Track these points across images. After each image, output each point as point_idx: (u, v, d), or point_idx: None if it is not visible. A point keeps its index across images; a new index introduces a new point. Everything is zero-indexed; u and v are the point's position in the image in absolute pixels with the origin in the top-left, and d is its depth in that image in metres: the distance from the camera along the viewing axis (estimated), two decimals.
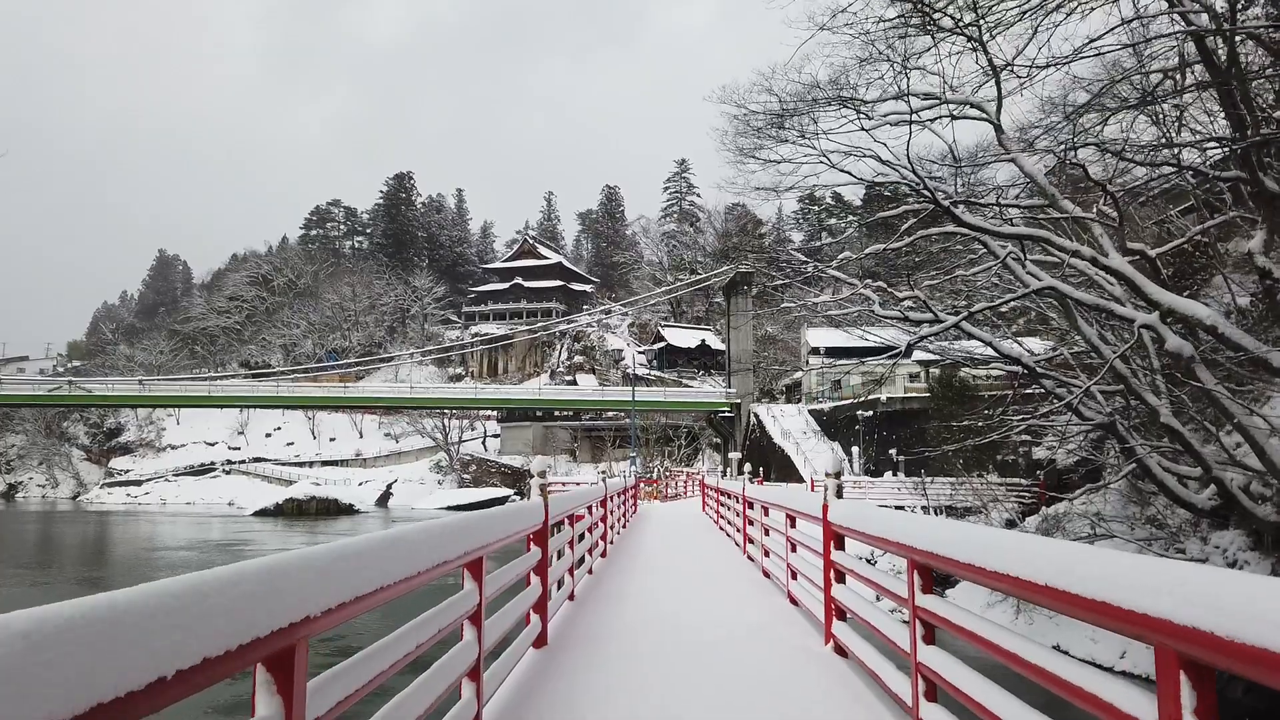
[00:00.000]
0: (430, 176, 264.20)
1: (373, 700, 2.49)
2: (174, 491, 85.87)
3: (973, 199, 13.84)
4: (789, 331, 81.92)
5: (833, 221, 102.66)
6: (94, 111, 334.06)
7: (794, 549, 7.20)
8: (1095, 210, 13.22)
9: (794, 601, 7.20)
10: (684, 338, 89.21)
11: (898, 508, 31.70)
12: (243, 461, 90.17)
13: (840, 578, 5.31)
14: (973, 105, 13.41)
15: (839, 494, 5.38)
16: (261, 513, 62.26)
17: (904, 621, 3.80)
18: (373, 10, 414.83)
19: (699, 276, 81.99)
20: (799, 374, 66.52)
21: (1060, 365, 19.22)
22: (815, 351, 59.91)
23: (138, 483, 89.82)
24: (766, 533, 8.99)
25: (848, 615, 5.23)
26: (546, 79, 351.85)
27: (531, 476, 5.61)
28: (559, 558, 7.00)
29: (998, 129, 13.29)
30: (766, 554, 8.98)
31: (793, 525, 7.21)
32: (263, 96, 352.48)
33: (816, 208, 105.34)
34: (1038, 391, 20.96)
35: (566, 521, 7.22)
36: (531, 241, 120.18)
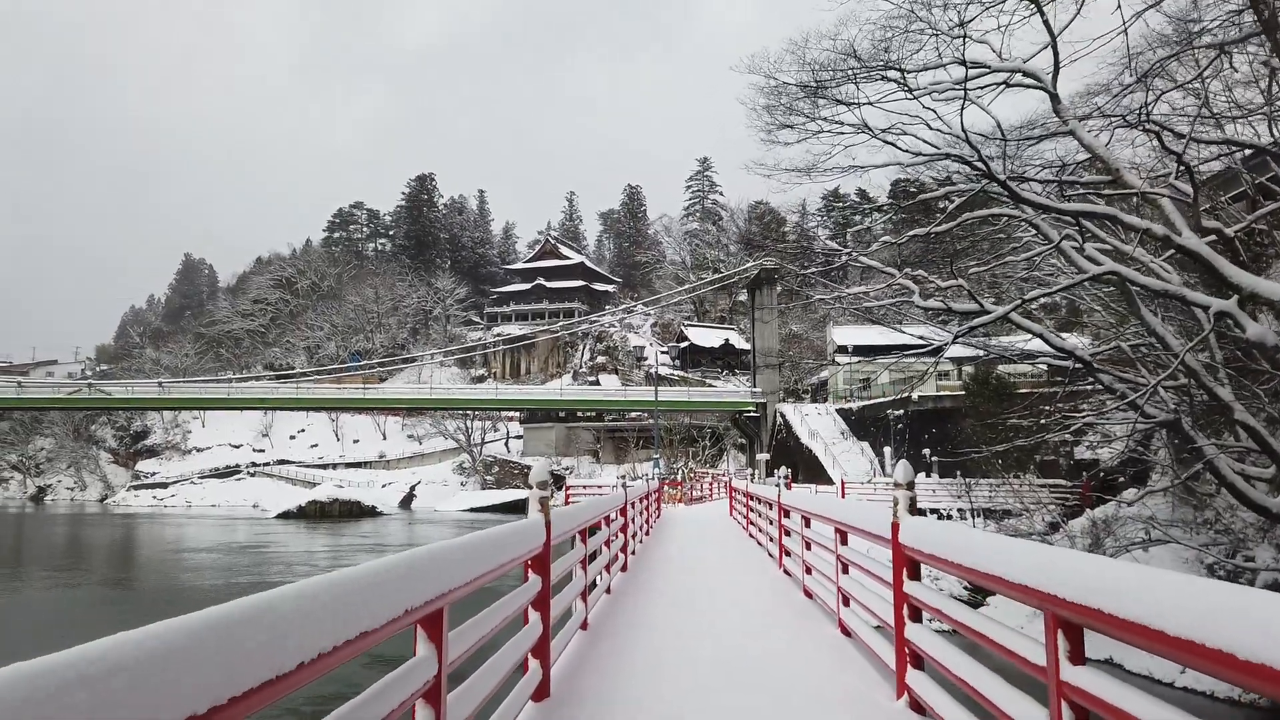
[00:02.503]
0: (455, 178, 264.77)
1: None
2: (199, 494, 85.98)
3: (1026, 176, 12.66)
4: (815, 330, 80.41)
5: (858, 218, 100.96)
6: (124, 116, 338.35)
7: (845, 570, 6.12)
8: (1164, 186, 12.01)
9: (846, 632, 6.12)
10: (707, 337, 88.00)
11: (934, 511, 30.38)
12: (267, 464, 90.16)
13: (916, 615, 4.23)
14: (1027, 74, 12.24)
15: (912, 509, 4.30)
16: (284, 515, 61.93)
17: (980, 659, 2.73)
18: (403, 14, 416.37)
19: (722, 275, 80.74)
20: (825, 373, 65.07)
21: (1107, 359, 17.96)
22: (843, 349, 58.50)
23: (164, 485, 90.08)
24: (808, 546, 7.91)
25: (926, 663, 4.16)
26: (570, 80, 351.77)
27: (530, 488, 4.57)
28: (569, 581, 5.98)
29: (1054, 98, 12.11)
30: (809, 571, 7.90)
31: (844, 542, 6.14)
32: (291, 100, 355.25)
33: (841, 204, 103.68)
34: (1088, 388, 19.63)
35: (577, 537, 6.19)
36: (553, 242, 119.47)
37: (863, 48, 11.88)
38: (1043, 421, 17.29)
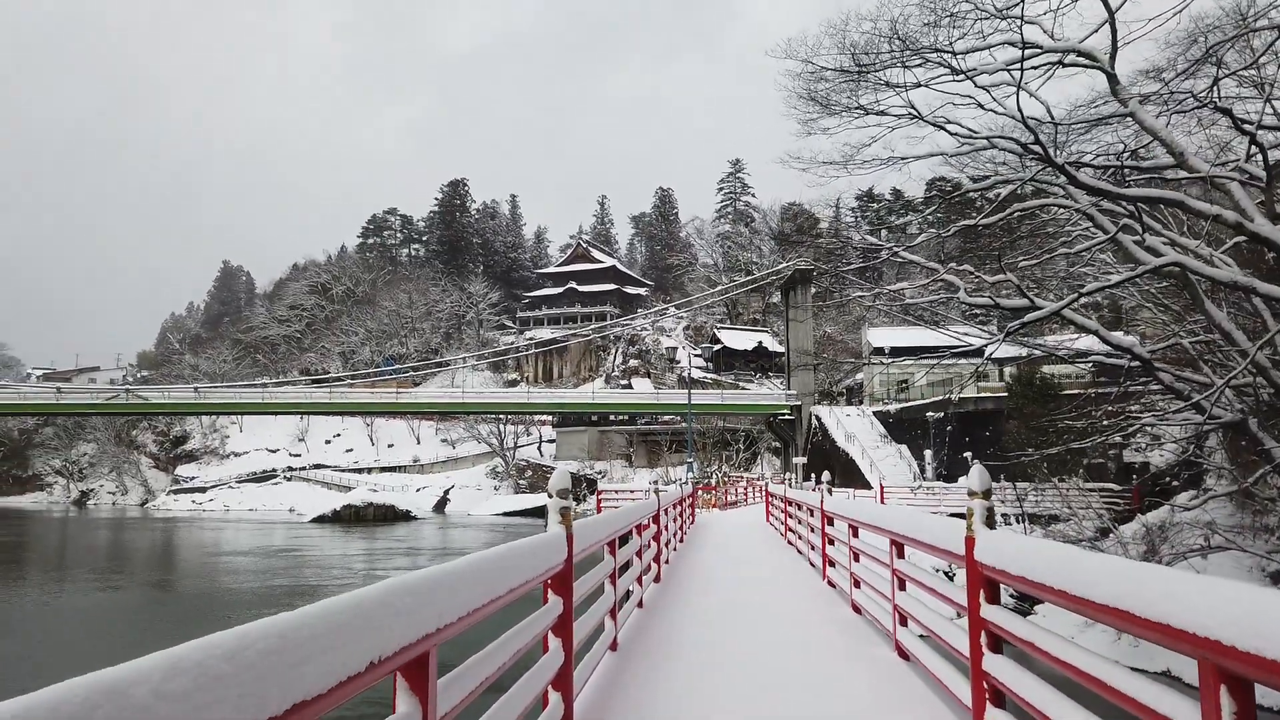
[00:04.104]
0: (487, 182, 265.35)
1: None
2: (237, 498, 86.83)
3: (1083, 162, 11.93)
4: (849, 332, 79.27)
5: (893, 217, 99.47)
6: (167, 124, 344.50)
7: (902, 586, 5.53)
8: (1232, 170, 11.22)
9: (904, 655, 5.54)
10: (740, 339, 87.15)
11: None
12: (303, 468, 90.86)
13: (996, 645, 3.65)
14: (1082, 54, 11.52)
15: (990, 521, 3.72)
16: (320, 519, 62.15)
17: None
18: (440, 22, 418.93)
19: (755, 276, 79.92)
20: (860, 375, 63.95)
21: (1160, 358, 17.10)
22: (879, 351, 57.45)
23: (202, 489, 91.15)
24: (856, 558, 7.31)
25: (1008, 700, 3.57)
26: (601, 85, 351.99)
27: (550, 497, 4.05)
28: (597, 598, 5.46)
29: (1112, 80, 11.39)
30: (856, 584, 7.30)
31: (900, 555, 5.56)
32: (330, 108, 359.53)
33: (875, 204, 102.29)
34: (1138, 388, 18.75)
35: (605, 548, 5.67)
36: (585, 245, 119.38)
37: (906, 29, 11.26)
38: (1105, 423, 16.42)
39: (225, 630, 1.29)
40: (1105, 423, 16.51)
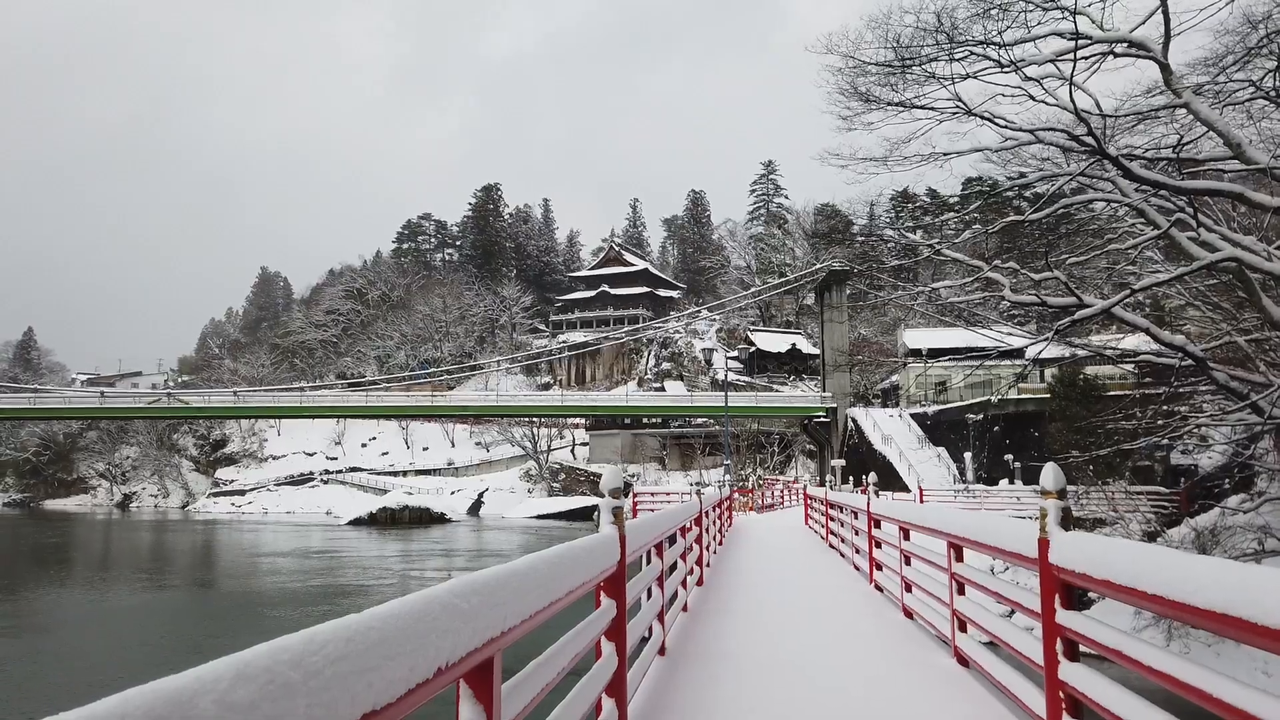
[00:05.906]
0: (523, 186, 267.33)
1: None
2: (275, 501, 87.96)
3: (1135, 154, 11.59)
4: (884, 334, 78.41)
5: (928, 218, 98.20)
6: (210, 130, 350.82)
7: (962, 590, 5.33)
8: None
9: (963, 661, 5.34)
10: (774, 342, 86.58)
11: (1020, 519, 28.81)
12: (340, 471, 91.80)
13: (1072, 652, 3.46)
14: (1133, 44, 11.19)
15: (1065, 523, 3.54)
16: (356, 522, 62.70)
17: None
18: (484, 28, 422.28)
19: (789, 278, 79.38)
20: (896, 377, 63.19)
21: (1209, 357, 16.62)
22: (915, 353, 56.74)
23: (241, 492, 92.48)
24: (907, 561, 7.11)
25: (1085, 710, 3.38)
26: (631, 90, 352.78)
27: (601, 496, 3.92)
28: (646, 599, 5.33)
29: (1165, 69, 11.05)
30: (908, 588, 7.09)
31: (959, 559, 5.36)
32: (368, 114, 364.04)
33: (911, 204, 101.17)
34: (1190, 388, 18.28)
35: (653, 551, 5.53)
36: (617, 249, 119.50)
37: (952, 20, 11.01)
38: (1159, 423, 15.97)
39: (292, 634, 1.18)
40: (1159, 423, 16.08)
